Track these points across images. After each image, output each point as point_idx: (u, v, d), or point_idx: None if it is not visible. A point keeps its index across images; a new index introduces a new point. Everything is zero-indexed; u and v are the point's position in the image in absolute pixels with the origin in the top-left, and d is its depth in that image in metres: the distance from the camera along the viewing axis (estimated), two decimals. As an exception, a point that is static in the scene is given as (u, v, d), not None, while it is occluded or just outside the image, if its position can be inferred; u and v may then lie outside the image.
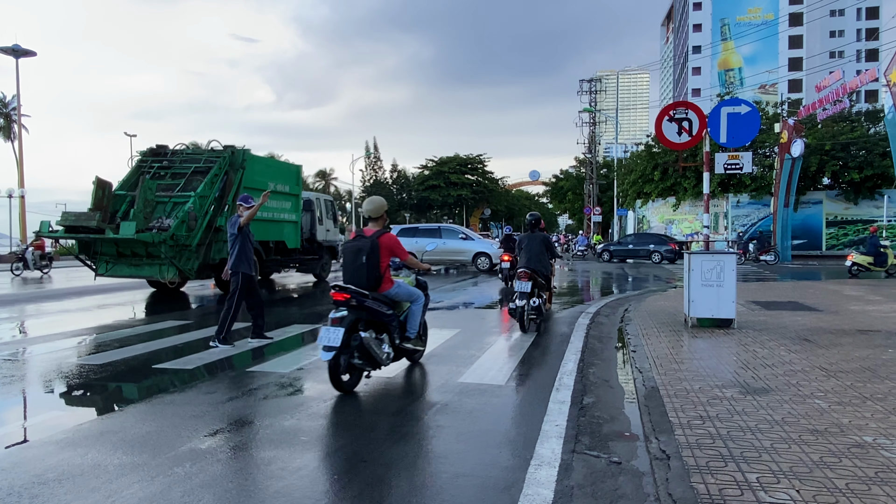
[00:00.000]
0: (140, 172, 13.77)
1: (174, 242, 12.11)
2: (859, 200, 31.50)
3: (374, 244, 5.43)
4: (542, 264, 8.68)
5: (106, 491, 3.36)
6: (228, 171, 13.45)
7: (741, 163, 9.21)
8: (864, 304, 10.65)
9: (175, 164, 14.05)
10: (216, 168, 13.28)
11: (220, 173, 13.28)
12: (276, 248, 15.52)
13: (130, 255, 12.68)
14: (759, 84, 72.05)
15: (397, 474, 3.59)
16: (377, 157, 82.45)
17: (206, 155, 14.18)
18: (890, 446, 3.68)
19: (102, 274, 13.08)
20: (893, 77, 16.07)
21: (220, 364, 6.69)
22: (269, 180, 14.43)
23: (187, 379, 6.02)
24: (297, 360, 6.79)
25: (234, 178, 13.41)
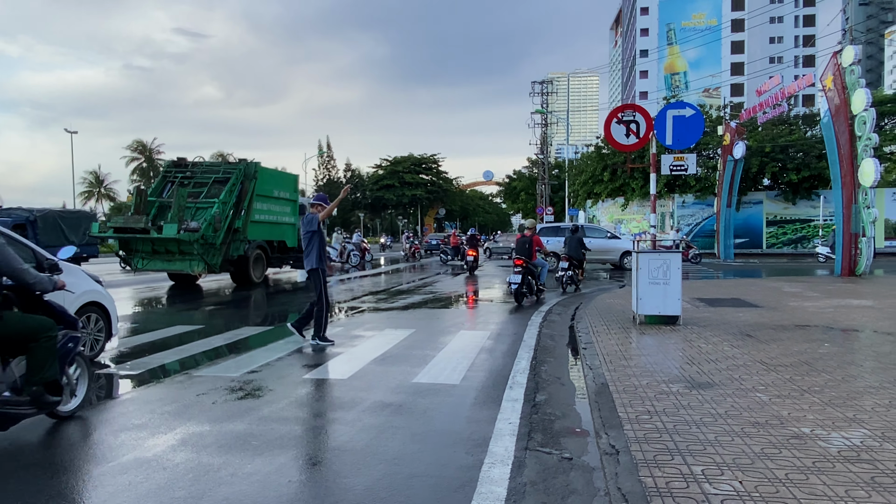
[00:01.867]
0: (165, 181, 16.17)
1: (203, 241, 14.23)
2: (797, 200, 32.86)
3: (531, 240, 12.35)
4: (578, 253, 14.13)
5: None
6: (244, 180, 15.72)
7: (686, 164, 9.50)
8: (802, 301, 11.12)
9: (197, 174, 16.26)
10: (234, 178, 15.54)
11: (237, 182, 15.53)
12: (278, 246, 17.91)
13: (164, 252, 14.76)
14: (704, 88, 74.36)
15: (351, 477, 3.56)
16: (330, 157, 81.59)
17: (224, 167, 16.81)
18: (826, 437, 3.86)
19: (139, 269, 15.23)
20: (828, 83, 16.84)
21: (166, 369, 6.50)
22: (275, 188, 17.14)
23: (134, 385, 5.83)
24: (247, 364, 6.66)
25: (248, 186, 15.71)
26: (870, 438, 3.80)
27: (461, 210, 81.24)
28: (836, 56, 16.51)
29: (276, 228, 17.36)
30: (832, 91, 16.63)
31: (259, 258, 16.75)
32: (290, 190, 18.28)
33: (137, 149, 73.61)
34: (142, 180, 73.47)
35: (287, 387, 5.67)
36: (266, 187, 16.55)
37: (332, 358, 6.97)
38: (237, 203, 15.39)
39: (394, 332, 8.61)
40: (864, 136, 15.61)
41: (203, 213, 14.78)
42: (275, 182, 17.33)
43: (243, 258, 15.93)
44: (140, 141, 73.77)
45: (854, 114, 15.92)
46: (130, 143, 73.94)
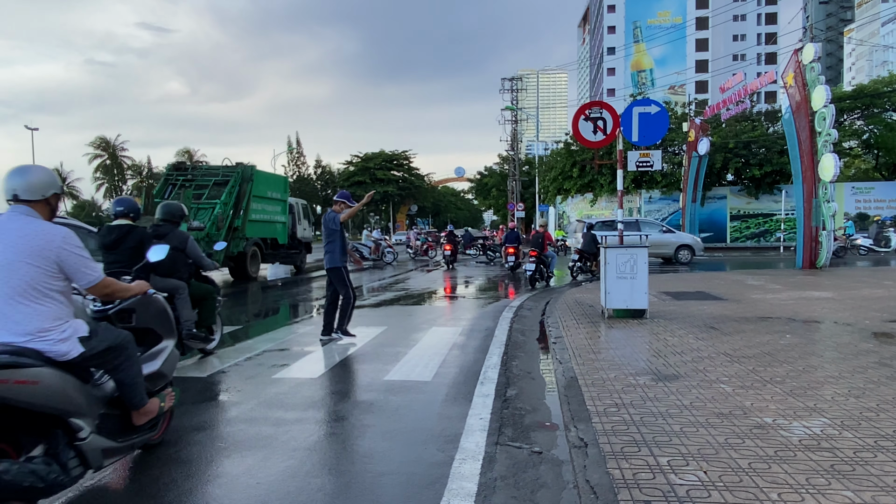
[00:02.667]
0: (167, 184, 17.12)
1: (208, 239, 14.83)
2: (760, 195, 33.62)
3: (543, 235, 15.11)
4: (591, 247, 15.94)
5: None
6: (242, 183, 16.92)
7: (652, 160, 9.64)
8: (764, 293, 11.39)
9: (197, 177, 17.33)
10: (233, 181, 16.72)
11: (235, 185, 16.70)
12: (270, 243, 19.04)
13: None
14: (669, 85, 75.61)
15: (322, 476, 3.53)
16: (300, 153, 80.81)
17: (223, 170, 17.68)
18: (788, 426, 3.96)
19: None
20: (790, 80, 17.25)
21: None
22: (269, 190, 18.44)
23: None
24: (215, 364, 6.57)
25: (246, 188, 17.00)
26: (829, 427, 3.91)
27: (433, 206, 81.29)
28: (797, 53, 16.92)
29: (269, 227, 18.63)
30: (793, 88, 17.04)
31: (255, 254, 18.00)
32: (281, 191, 19.63)
33: (101, 146, 71.90)
34: (105, 178, 71.80)
35: (256, 387, 5.61)
36: (261, 188, 17.85)
37: (302, 357, 6.91)
38: (236, 203, 16.59)
39: (365, 330, 8.57)
40: (824, 132, 16.03)
41: (205, 213, 15.85)
42: (268, 184, 18.67)
43: (242, 255, 17.15)
44: (103, 137, 72.08)
45: (814, 110, 16.33)
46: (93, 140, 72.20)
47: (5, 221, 2.90)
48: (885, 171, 37.97)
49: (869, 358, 5.89)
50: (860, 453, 3.45)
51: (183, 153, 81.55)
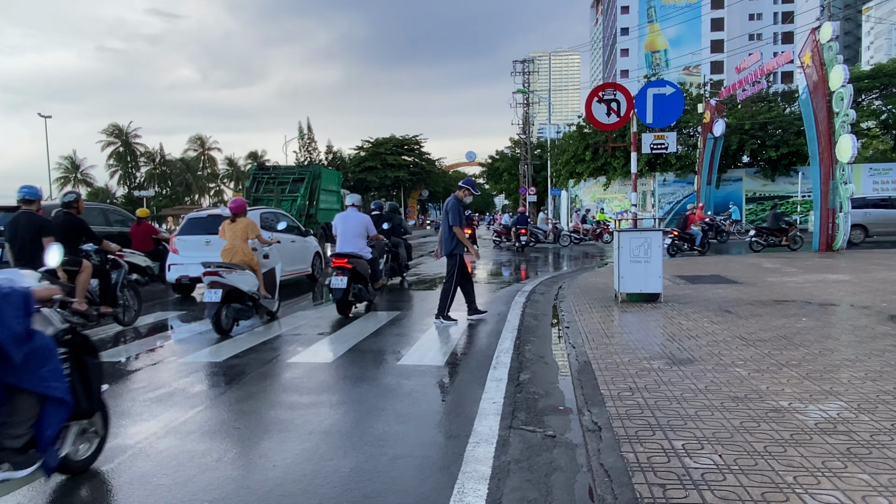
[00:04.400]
0: (255, 181, 21.57)
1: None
2: (776, 177, 33.20)
3: (686, 217, 17.49)
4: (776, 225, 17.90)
5: None
6: (314, 179, 21.21)
7: (666, 143, 9.54)
8: (780, 276, 11.29)
9: (279, 175, 21.74)
10: (308, 178, 21.01)
11: (309, 181, 20.94)
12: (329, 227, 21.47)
13: None
14: (684, 66, 74.48)
15: (337, 459, 3.57)
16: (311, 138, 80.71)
17: (298, 170, 22.29)
18: (804, 409, 3.94)
19: None
20: (807, 59, 16.94)
21: (152, 356, 6.45)
22: (331, 183, 23.04)
23: (114, 376, 5.78)
24: (231, 349, 6.63)
25: (317, 184, 21.29)
26: (846, 410, 3.88)
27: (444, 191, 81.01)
28: (815, 32, 16.60)
29: (331, 213, 21.51)
30: (810, 68, 16.74)
31: (323, 235, 20.83)
32: (337, 184, 24.38)
33: (113, 133, 72.30)
34: (119, 165, 72.27)
35: (271, 371, 5.66)
36: (326, 183, 22.12)
37: (315, 342, 6.96)
38: (311, 196, 20.83)
39: (378, 314, 8.60)
40: (842, 112, 15.76)
41: (287, 203, 19.95)
42: (330, 179, 23.21)
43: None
44: (116, 125, 72.43)
45: (832, 90, 16.05)
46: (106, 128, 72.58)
47: None
48: (903, 152, 37.31)
49: (886, 341, 5.83)
50: (877, 436, 3.43)
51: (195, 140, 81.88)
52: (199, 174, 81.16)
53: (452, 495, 3.06)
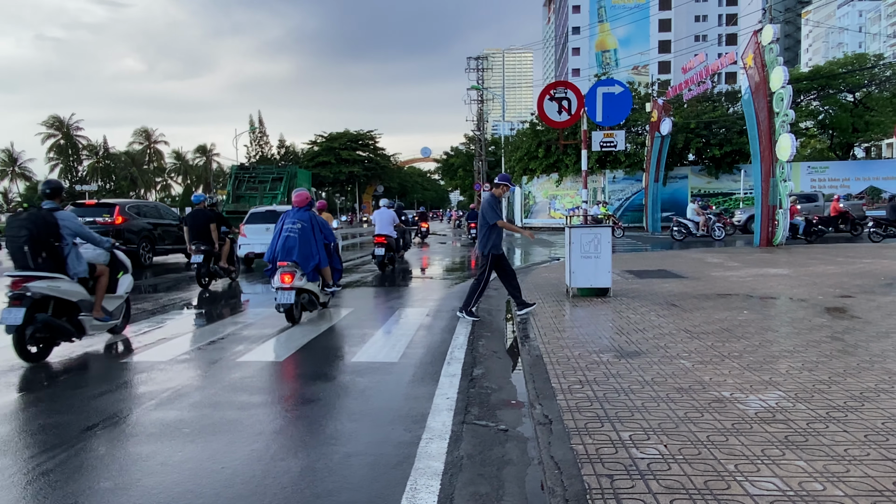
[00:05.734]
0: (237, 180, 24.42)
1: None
2: (720, 175, 34.32)
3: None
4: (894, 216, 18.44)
5: (-43, 503, 3.04)
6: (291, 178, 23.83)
7: (615, 140, 9.74)
8: (723, 271, 11.68)
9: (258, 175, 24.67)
10: (286, 177, 23.92)
11: (287, 180, 23.46)
12: None
13: None
14: (633, 65, 76.16)
15: (288, 459, 3.52)
16: (263, 132, 79.21)
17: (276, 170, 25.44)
18: (745, 399, 4.09)
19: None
20: (749, 60, 17.54)
21: (96, 355, 6.22)
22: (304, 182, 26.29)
23: (54, 375, 5.55)
24: (174, 349, 6.45)
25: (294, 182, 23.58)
26: (784, 400, 4.05)
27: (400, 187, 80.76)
28: (757, 35, 17.20)
29: None
30: (752, 69, 17.34)
31: None
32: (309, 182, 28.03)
33: (54, 125, 69.39)
34: (60, 158, 69.40)
35: (220, 371, 5.54)
36: (301, 181, 24.67)
37: (266, 340, 6.84)
38: (288, 194, 22.67)
39: (332, 312, 8.51)
40: (782, 112, 16.39)
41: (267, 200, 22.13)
42: (304, 178, 26.39)
43: None
44: (56, 117, 69.57)
45: (773, 91, 16.67)
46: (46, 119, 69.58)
47: None
48: (838, 151, 39.13)
49: (822, 332, 6.10)
50: (813, 424, 3.58)
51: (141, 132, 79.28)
52: (144, 168, 78.67)
53: (405, 492, 3.06)
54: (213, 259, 11.57)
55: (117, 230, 15.39)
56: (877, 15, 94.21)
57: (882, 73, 35.89)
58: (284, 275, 7.39)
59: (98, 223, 15.39)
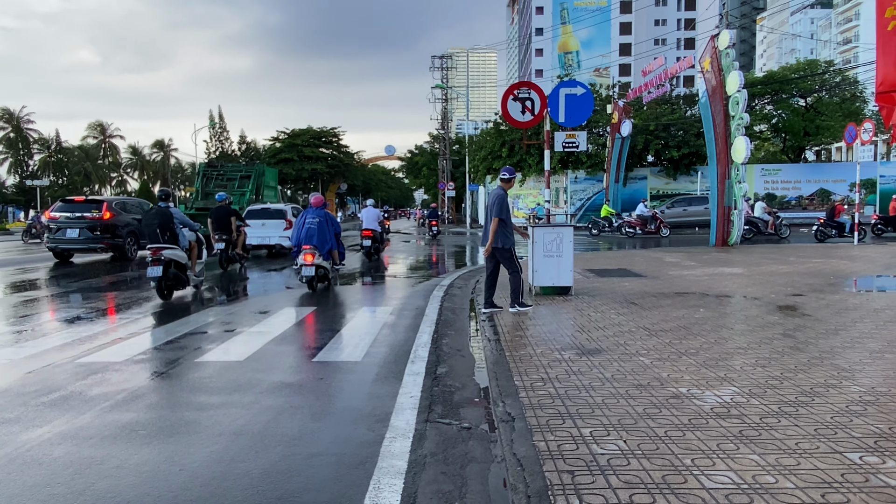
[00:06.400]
0: (204, 177, 24.32)
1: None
2: (678, 176, 35.08)
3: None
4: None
5: None
6: (258, 176, 24.32)
7: (577, 141, 9.88)
8: (680, 270, 11.96)
9: (227, 172, 24.89)
10: (254, 175, 24.23)
11: (255, 178, 24.02)
12: None
13: None
14: (595, 67, 77.22)
15: (248, 461, 3.47)
16: (223, 128, 77.67)
17: (245, 168, 26.03)
18: (701, 395, 4.20)
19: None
20: (706, 65, 17.99)
21: (44, 355, 6.01)
22: (271, 180, 26.51)
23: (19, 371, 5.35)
24: (132, 349, 6.29)
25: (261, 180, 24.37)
26: (738, 395, 4.17)
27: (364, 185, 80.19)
28: (714, 40, 17.65)
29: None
30: (709, 73, 17.79)
31: None
32: (275, 180, 28.11)
33: (3, 117, 66.69)
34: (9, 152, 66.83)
35: (178, 371, 5.42)
36: (268, 180, 25.33)
37: (227, 339, 6.72)
38: (257, 191, 23.73)
39: (297, 311, 8.42)
40: (737, 115, 16.85)
41: (236, 198, 21.86)
42: (271, 176, 26.56)
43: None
44: (6, 109, 66.86)
45: (728, 95, 17.13)
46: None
47: None
48: (791, 154, 40.41)
49: (774, 330, 6.31)
50: (766, 419, 3.70)
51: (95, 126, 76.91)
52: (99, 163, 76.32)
53: (368, 491, 3.05)
54: (231, 246, 13.86)
55: (105, 225, 15.94)
56: (828, 22, 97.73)
57: (832, 79, 37.23)
58: (307, 255, 9.89)
59: (87, 218, 15.82)
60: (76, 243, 15.89)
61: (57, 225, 16.02)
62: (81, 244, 15.89)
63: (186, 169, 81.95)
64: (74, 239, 15.82)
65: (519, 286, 7.71)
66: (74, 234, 15.79)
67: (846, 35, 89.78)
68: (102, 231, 15.88)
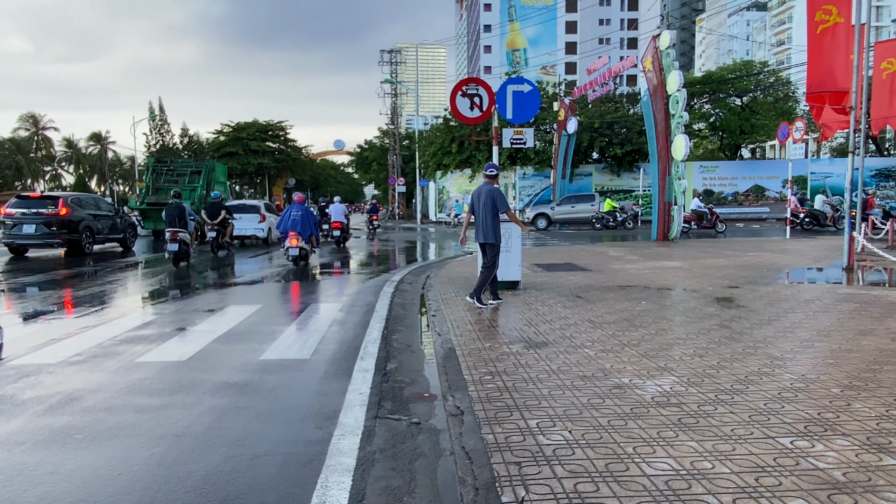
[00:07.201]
0: (155, 172, 24.50)
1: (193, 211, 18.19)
2: (621, 173, 35.97)
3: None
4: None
5: None
6: (209, 172, 24.53)
7: (525, 138, 9.99)
8: (624, 264, 12.28)
9: (177, 168, 25.27)
10: (204, 171, 24.44)
11: (206, 173, 24.27)
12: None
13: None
14: (542, 65, 78.26)
15: (190, 463, 3.38)
16: (164, 120, 75.07)
17: (195, 164, 26.27)
18: (642, 385, 4.33)
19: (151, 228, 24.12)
20: (648, 64, 18.48)
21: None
22: (221, 176, 26.81)
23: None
24: (66, 350, 6.03)
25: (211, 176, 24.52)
26: (678, 384, 4.32)
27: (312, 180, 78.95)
28: (655, 40, 18.14)
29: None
30: (651, 72, 18.29)
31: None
32: (225, 176, 28.80)
33: (-81, 107, 62.61)
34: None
35: (117, 372, 5.23)
36: (217, 175, 25.54)
37: (170, 339, 6.53)
38: (207, 186, 23.67)
39: (239, 309, 8.24)
40: (677, 114, 17.39)
41: (187, 193, 22.60)
42: (221, 172, 27.04)
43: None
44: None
45: (669, 94, 17.66)
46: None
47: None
48: (727, 152, 42.00)
49: (712, 321, 6.56)
50: (703, 407, 3.85)
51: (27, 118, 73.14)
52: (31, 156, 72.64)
53: (315, 490, 3.02)
54: (220, 235, 16.27)
55: (62, 220, 16.17)
56: (763, 25, 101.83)
57: (766, 79, 38.87)
58: (293, 239, 12.87)
59: (44, 214, 16.05)
60: (32, 238, 16.07)
61: (13, 221, 16.10)
62: (38, 239, 16.07)
63: (125, 163, 78.88)
64: (31, 234, 15.99)
65: (486, 282, 7.87)
66: (31, 230, 15.97)
67: (780, 37, 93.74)
68: (59, 227, 16.14)
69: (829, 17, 10.54)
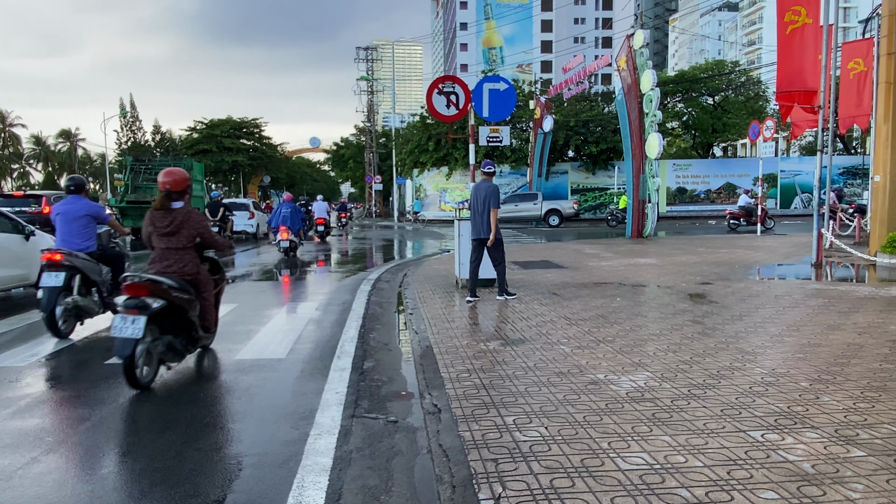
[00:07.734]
0: (132, 170, 23.83)
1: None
2: (596, 171, 36.27)
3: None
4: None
5: None
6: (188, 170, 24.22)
7: (501, 136, 10.02)
8: (599, 261, 12.40)
9: (155, 166, 24.30)
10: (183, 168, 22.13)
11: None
12: None
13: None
14: (518, 63, 78.53)
15: (163, 466, 3.34)
16: (135, 117, 73.85)
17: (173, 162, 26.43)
18: (617, 381, 4.38)
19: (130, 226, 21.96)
20: (622, 63, 18.66)
21: (-70, 364, 5.55)
22: (199, 175, 26.33)
23: None
24: (34, 351, 5.90)
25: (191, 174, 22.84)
26: (652, 380, 4.38)
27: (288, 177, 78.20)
28: (629, 39, 18.32)
29: (199, 201, 23.90)
30: (625, 71, 18.47)
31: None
32: (202, 174, 28.76)
33: None
34: None
35: (86, 375, 5.13)
36: (195, 174, 24.97)
37: (141, 339, 6.41)
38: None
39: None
40: (651, 113, 17.59)
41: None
42: (198, 170, 26.47)
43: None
44: None
45: (643, 92, 17.85)
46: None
47: None
48: (700, 150, 42.61)
49: (685, 317, 6.65)
50: (677, 402, 3.91)
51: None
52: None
53: (291, 490, 3.00)
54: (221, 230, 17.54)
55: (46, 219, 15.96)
56: (734, 25, 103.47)
57: (737, 79, 39.49)
58: (284, 233, 14.70)
59: (27, 213, 15.95)
60: None
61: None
62: None
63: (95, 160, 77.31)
64: None
65: (504, 275, 8.05)
66: None
67: (751, 37, 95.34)
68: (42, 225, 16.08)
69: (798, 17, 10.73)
